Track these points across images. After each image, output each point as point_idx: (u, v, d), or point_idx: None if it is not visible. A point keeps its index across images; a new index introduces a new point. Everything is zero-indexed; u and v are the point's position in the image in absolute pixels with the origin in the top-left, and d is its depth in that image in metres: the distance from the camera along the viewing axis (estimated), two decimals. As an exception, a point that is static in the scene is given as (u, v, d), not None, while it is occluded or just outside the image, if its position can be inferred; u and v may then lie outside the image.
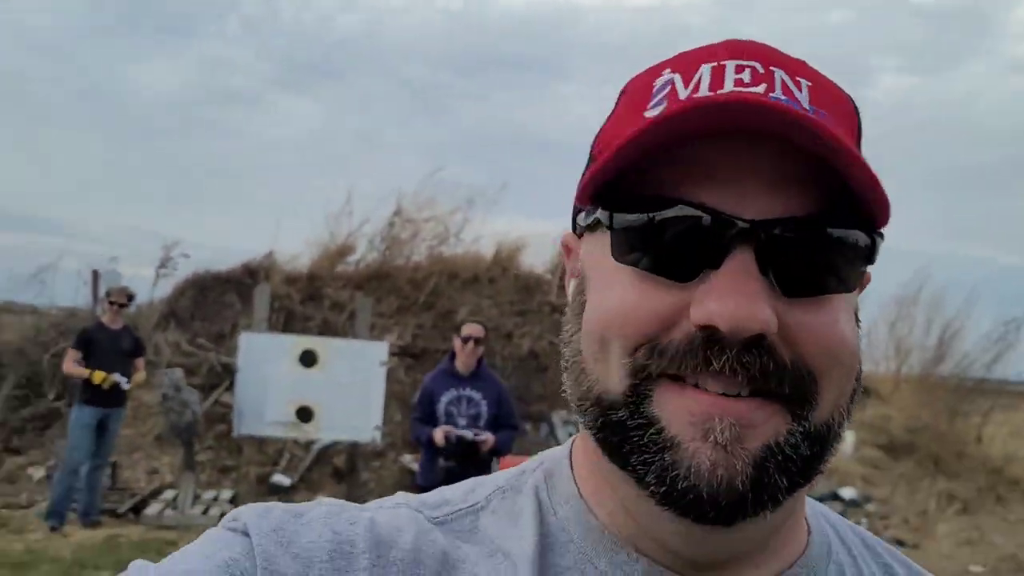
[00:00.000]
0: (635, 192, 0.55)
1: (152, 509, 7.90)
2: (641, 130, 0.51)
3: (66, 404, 8.87)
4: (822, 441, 0.54)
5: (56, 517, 7.13)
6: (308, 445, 9.14)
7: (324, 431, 7.77)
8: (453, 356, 5.45)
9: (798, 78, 0.56)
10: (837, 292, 0.55)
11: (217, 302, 10.75)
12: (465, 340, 5.34)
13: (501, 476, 0.68)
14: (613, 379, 0.55)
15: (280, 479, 8.89)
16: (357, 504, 0.63)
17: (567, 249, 0.67)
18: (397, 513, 0.62)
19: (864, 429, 11.14)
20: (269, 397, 7.51)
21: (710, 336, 0.51)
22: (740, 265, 0.51)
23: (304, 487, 8.87)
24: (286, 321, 10.36)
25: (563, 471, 0.66)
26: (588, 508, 0.62)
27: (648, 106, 0.57)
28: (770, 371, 0.51)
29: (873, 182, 0.51)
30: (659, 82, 0.58)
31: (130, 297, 7.91)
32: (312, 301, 10.89)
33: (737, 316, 0.50)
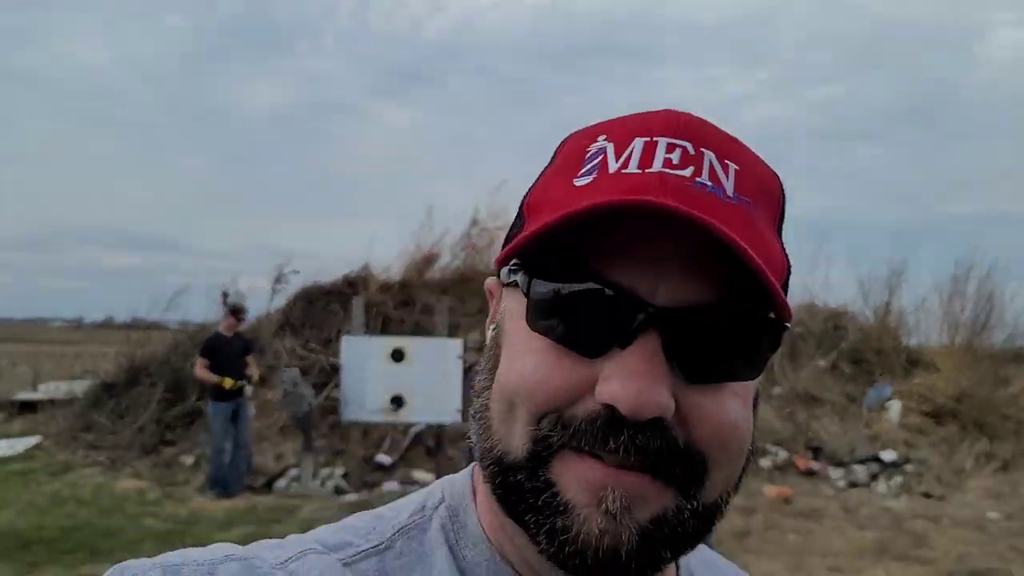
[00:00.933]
0: (555, 262, 0.55)
1: (281, 484, 9.55)
2: (564, 216, 0.52)
3: (204, 404, 10.52)
4: (709, 518, 0.56)
5: (220, 485, 8.91)
6: (406, 429, 10.33)
7: (414, 415, 8.98)
8: None
9: (726, 161, 0.57)
10: (737, 381, 0.55)
11: (323, 311, 12.14)
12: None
13: (403, 511, 0.68)
14: (516, 443, 0.56)
15: (383, 458, 10.17)
16: (259, 548, 0.62)
17: (490, 293, 0.67)
18: (307, 560, 0.61)
19: (911, 398, 11.43)
20: (368, 389, 8.75)
21: (611, 415, 0.52)
22: (647, 348, 0.52)
23: (403, 464, 10.19)
24: (384, 325, 11.60)
25: (468, 510, 0.66)
26: (496, 550, 0.63)
27: (579, 173, 0.58)
28: (663, 452, 0.52)
29: (769, 286, 0.51)
30: (593, 148, 0.59)
31: (243, 310, 9.69)
32: (405, 306, 12.13)
33: (638, 400, 0.50)
